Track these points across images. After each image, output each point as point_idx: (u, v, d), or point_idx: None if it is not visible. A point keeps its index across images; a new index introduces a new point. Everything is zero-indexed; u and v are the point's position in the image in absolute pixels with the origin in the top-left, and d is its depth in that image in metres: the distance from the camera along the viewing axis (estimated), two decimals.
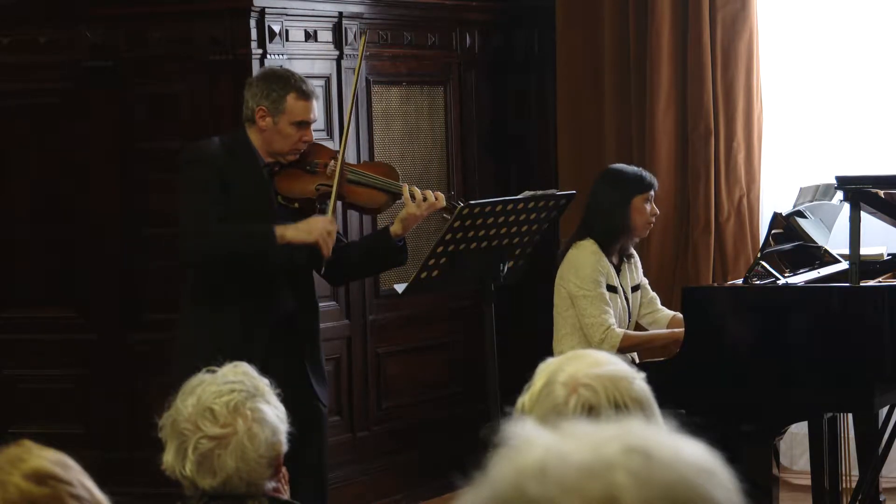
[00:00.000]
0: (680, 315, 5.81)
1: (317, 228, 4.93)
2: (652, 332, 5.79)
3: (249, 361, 3.12)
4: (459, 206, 5.10)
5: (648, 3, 7.29)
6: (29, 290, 6.77)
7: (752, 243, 7.17)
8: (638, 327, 5.90)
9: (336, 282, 5.64)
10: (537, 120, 7.88)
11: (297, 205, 5.08)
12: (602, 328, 5.55)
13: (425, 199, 5.07)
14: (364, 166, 5.46)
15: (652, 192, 5.73)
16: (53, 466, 2.10)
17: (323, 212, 5.11)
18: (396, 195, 5.14)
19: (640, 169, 5.86)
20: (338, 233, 5.14)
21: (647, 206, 5.70)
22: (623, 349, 5.59)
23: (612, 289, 5.65)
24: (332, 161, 5.10)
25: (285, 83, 5.06)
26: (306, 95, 5.07)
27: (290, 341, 5.07)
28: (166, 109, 6.58)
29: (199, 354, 4.87)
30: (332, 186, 5.02)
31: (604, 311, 5.57)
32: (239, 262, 4.94)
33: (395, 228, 5.13)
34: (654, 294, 5.91)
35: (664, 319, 5.85)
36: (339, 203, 5.17)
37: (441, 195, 5.13)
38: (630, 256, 5.81)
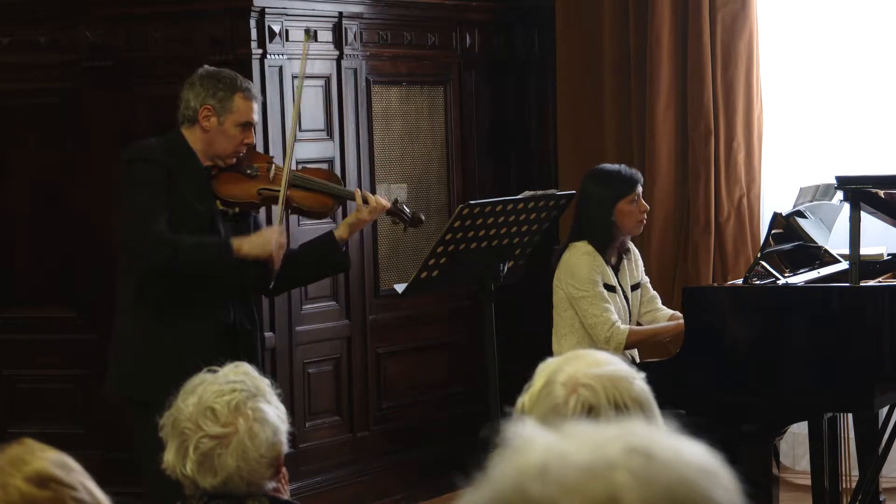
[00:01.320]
0: (679, 314, 5.81)
1: (270, 242, 4.79)
2: (657, 325, 5.78)
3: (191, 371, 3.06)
4: (459, 207, 5.11)
5: (648, 3, 7.29)
6: (29, 290, 6.77)
7: (752, 243, 7.17)
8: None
9: (274, 292, 5.43)
10: (537, 120, 7.88)
11: (237, 209, 4.93)
12: (606, 326, 5.54)
13: (367, 202, 4.97)
14: (305, 171, 5.35)
15: (638, 190, 5.69)
16: (55, 469, 2.09)
17: (256, 222, 5.02)
18: (343, 199, 5.10)
19: (621, 167, 5.78)
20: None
21: (634, 206, 5.67)
22: (630, 345, 5.58)
23: (609, 288, 5.64)
24: (274, 166, 4.97)
25: (231, 83, 4.92)
26: (252, 96, 4.93)
27: (231, 356, 4.90)
28: (166, 109, 6.56)
29: (137, 363, 4.85)
30: (274, 191, 4.89)
31: (605, 310, 5.57)
32: (192, 273, 4.80)
33: (341, 233, 5.05)
34: (654, 293, 5.90)
35: (663, 318, 5.84)
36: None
37: (383, 200, 5.05)
38: (628, 252, 5.79)
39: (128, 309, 4.96)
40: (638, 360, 5.59)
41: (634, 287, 5.80)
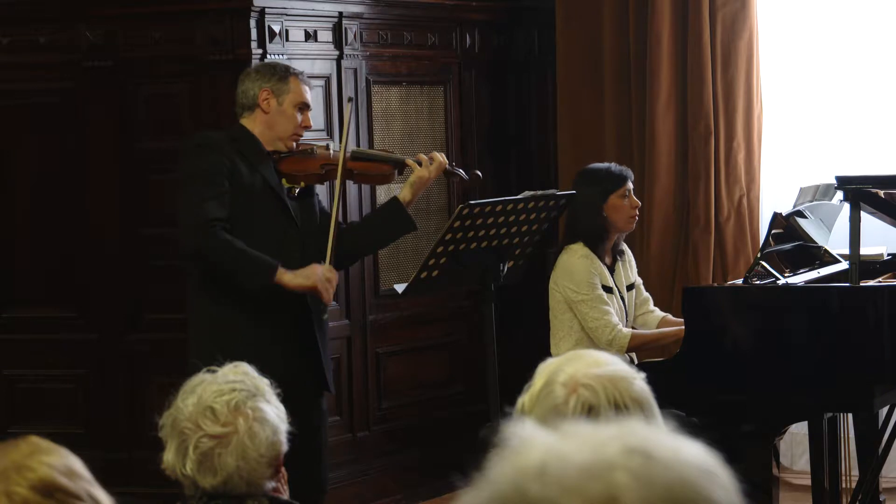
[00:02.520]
0: (670, 316, 5.82)
1: (315, 274, 4.94)
2: (659, 330, 5.78)
3: (264, 352, 3.11)
4: (459, 207, 5.11)
5: (648, 3, 7.29)
6: (29, 290, 6.77)
7: (752, 243, 7.16)
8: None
9: (342, 264, 5.60)
10: (537, 120, 7.88)
11: (302, 183, 5.14)
12: (608, 329, 5.54)
13: (432, 160, 5.20)
14: (363, 148, 5.63)
15: (628, 185, 5.70)
16: (61, 477, 2.07)
17: (320, 206, 5.20)
18: (400, 165, 5.26)
19: (611, 165, 5.81)
20: (328, 213, 5.17)
21: (625, 202, 5.67)
22: (631, 349, 5.58)
23: (607, 289, 5.64)
24: (330, 146, 5.24)
25: (286, 68, 5.21)
26: (306, 81, 5.20)
27: (306, 326, 5.07)
28: (166, 109, 6.58)
29: (210, 347, 4.93)
30: (335, 164, 5.10)
31: (606, 312, 5.57)
32: (220, 272, 4.94)
33: (405, 194, 5.25)
34: (647, 295, 5.90)
35: (654, 321, 5.84)
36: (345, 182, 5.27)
37: (441, 157, 5.25)
38: (622, 253, 5.80)
39: (195, 298, 5.12)
40: (637, 361, 5.58)
41: (629, 287, 5.81)
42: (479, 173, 5.46)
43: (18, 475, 2.06)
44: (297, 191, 5.13)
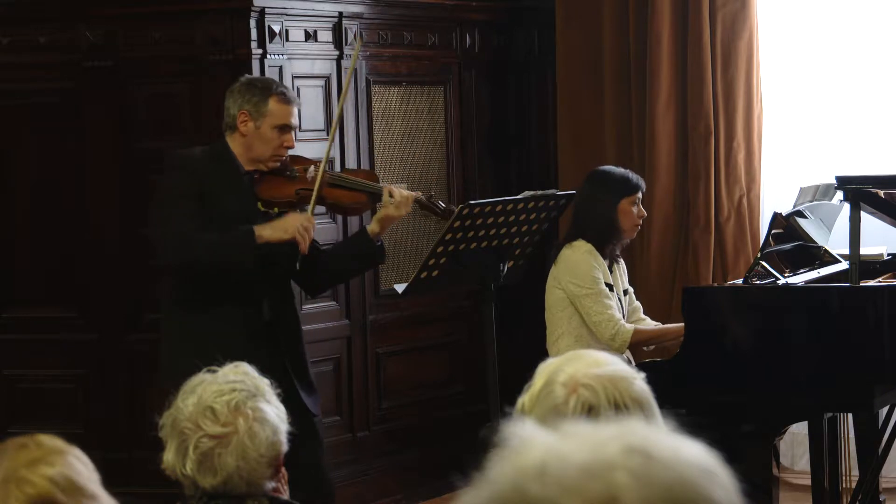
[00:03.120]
0: (664, 325, 5.83)
1: (292, 225, 4.93)
2: (662, 326, 5.79)
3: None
4: (459, 207, 5.11)
5: (648, 3, 7.28)
6: (29, 290, 6.77)
7: (752, 243, 7.16)
8: None
9: (316, 290, 5.58)
10: (537, 120, 7.88)
11: (276, 209, 5.08)
12: (611, 323, 5.54)
13: (401, 201, 5.11)
14: (345, 172, 5.50)
15: (639, 195, 5.71)
16: (58, 493, 2.06)
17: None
18: (376, 196, 5.17)
19: (627, 171, 5.84)
20: (314, 241, 5.12)
21: (634, 209, 5.68)
22: (634, 344, 5.58)
23: (609, 286, 5.65)
24: (313, 167, 5.13)
25: (267, 87, 5.11)
26: (288, 100, 5.09)
27: (273, 354, 4.98)
28: (166, 109, 6.58)
29: (183, 361, 4.90)
30: (311, 190, 5.05)
31: (609, 307, 5.57)
32: (217, 267, 4.93)
33: (373, 228, 5.16)
34: (638, 304, 5.91)
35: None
36: (319, 207, 5.22)
37: (409, 193, 5.17)
38: (617, 259, 5.81)
39: (165, 310, 5.19)
40: (633, 362, 5.58)
41: (624, 293, 5.82)
42: (455, 209, 5.28)
43: (18, 489, 2.05)
44: (273, 215, 5.08)
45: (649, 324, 5.85)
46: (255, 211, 5.05)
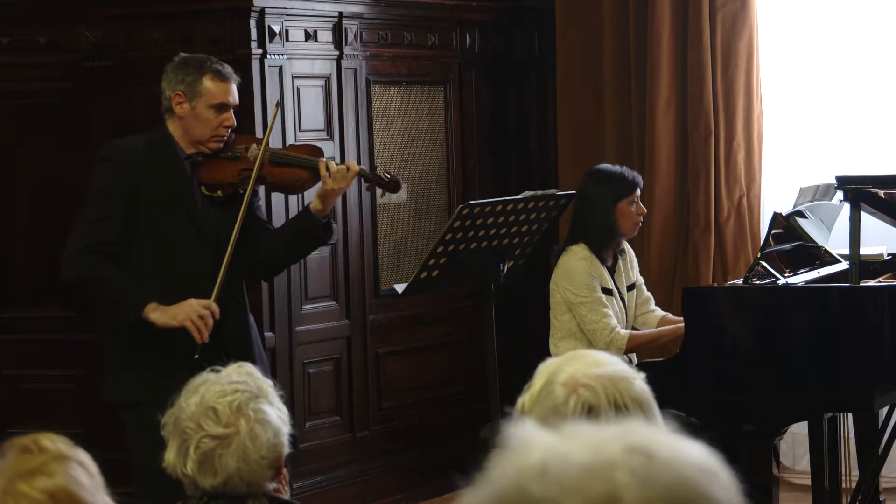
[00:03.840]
0: (670, 315, 5.82)
1: (183, 312, 4.63)
2: (656, 329, 5.79)
3: (184, 367, 3.06)
4: (459, 207, 5.10)
5: (648, 4, 7.29)
6: (29, 290, 6.77)
7: (752, 243, 7.17)
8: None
9: (266, 275, 5.40)
10: (537, 120, 7.89)
11: (220, 192, 4.86)
12: (606, 332, 5.54)
13: (348, 169, 4.90)
14: (287, 148, 5.25)
15: (637, 192, 5.70)
16: None
17: (259, 210, 5.02)
18: (316, 171, 4.95)
19: (623, 168, 5.79)
20: (264, 220, 4.98)
21: (633, 207, 5.67)
22: (630, 350, 5.58)
23: (606, 292, 5.64)
24: (255, 145, 4.93)
25: (200, 65, 4.88)
26: (223, 77, 4.87)
27: (217, 353, 4.60)
28: None
29: (126, 375, 4.83)
30: (251, 170, 4.85)
31: (604, 315, 5.57)
32: (92, 301, 4.81)
33: (315, 205, 4.93)
34: (648, 294, 5.90)
35: (654, 321, 5.84)
36: (262, 187, 5.05)
37: (350, 165, 4.96)
38: (623, 252, 5.79)
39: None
40: (636, 362, 5.58)
41: (630, 287, 5.80)
42: (401, 182, 5.16)
43: (14, 502, 2.04)
44: (219, 197, 4.87)
45: (658, 314, 5.84)
46: (198, 196, 4.85)
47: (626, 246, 5.84)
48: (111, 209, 4.75)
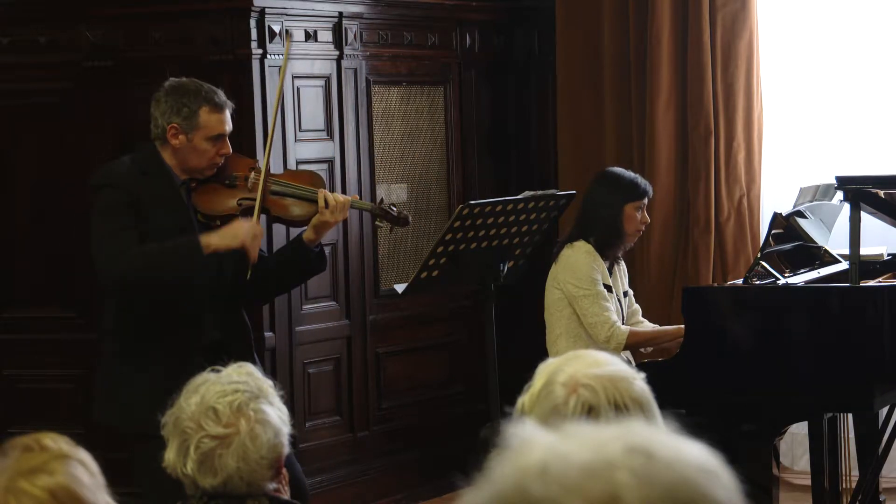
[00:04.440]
0: (661, 327, 5.83)
1: (242, 231, 4.67)
2: (657, 329, 5.79)
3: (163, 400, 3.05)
4: (459, 207, 5.10)
5: (648, 3, 7.29)
6: (29, 290, 6.77)
7: (752, 243, 7.17)
8: None
9: (258, 300, 5.37)
10: (537, 120, 7.89)
11: (219, 223, 4.80)
12: (607, 325, 5.55)
13: (331, 204, 4.81)
14: (287, 176, 5.15)
15: (645, 201, 5.71)
16: None
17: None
18: (314, 202, 4.87)
19: (636, 175, 5.82)
20: (260, 250, 4.87)
21: (639, 214, 5.68)
22: (629, 346, 5.58)
23: (607, 288, 5.65)
24: (253, 173, 4.86)
25: (195, 96, 4.81)
26: (219, 107, 4.81)
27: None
28: None
29: (124, 394, 4.73)
30: (254, 200, 4.79)
31: (605, 309, 5.57)
32: (164, 283, 4.67)
33: (308, 235, 4.87)
34: (637, 306, 5.92)
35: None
36: (263, 217, 4.94)
37: (347, 198, 4.91)
38: (618, 261, 5.81)
39: (107, 339, 4.88)
40: (633, 362, 5.58)
41: (625, 294, 5.82)
42: (409, 218, 5.11)
43: (16, 501, 2.05)
44: (215, 226, 4.80)
45: (647, 326, 5.86)
46: (195, 223, 4.80)
47: (621, 258, 5.85)
48: (125, 223, 4.69)
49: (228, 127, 4.84)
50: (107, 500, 2.14)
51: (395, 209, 5.03)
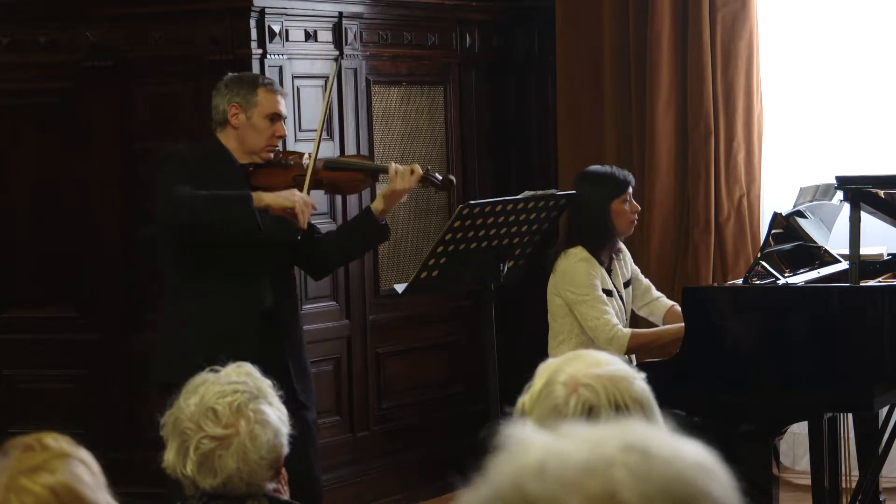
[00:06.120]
0: (678, 307, 5.80)
1: (296, 196, 4.93)
2: (658, 328, 5.78)
3: (241, 353, 3.16)
4: (459, 207, 5.11)
5: (648, 3, 7.29)
6: (29, 290, 6.77)
7: (752, 243, 7.17)
8: (634, 318, 5.89)
9: (321, 273, 5.58)
10: (537, 120, 7.89)
11: None
12: (608, 328, 5.53)
13: (412, 173, 5.12)
14: (341, 156, 5.58)
15: (629, 191, 5.69)
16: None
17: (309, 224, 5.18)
18: (375, 173, 5.24)
19: (612, 168, 5.79)
20: (312, 225, 5.14)
21: (627, 206, 5.67)
22: (631, 349, 5.57)
23: (607, 292, 5.63)
24: (307, 155, 5.18)
25: (254, 80, 5.21)
26: (275, 90, 5.19)
27: (271, 340, 5.05)
28: (166, 109, 6.58)
29: (179, 352, 4.94)
30: (306, 175, 5.08)
31: (605, 312, 5.56)
32: (217, 229, 4.94)
33: (377, 205, 5.17)
34: (647, 282, 5.89)
35: (661, 309, 5.84)
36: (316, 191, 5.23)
37: (417, 167, 5.17)
38: (619, 252, 5.79)
39: (168, 305, 5.21)
40: (635, 362, 5.58)
41: (626, 284, 5.80)
42: (454, 179, 5.40)
43: (17, 498, 2.05)
44: None
45: (664, 303, 5.83)
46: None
47: (621, 244, 5.84)
48: (185, 180, 4.94)
49: (284, 110, 5.19)
50: (107, 499, 2.14)
51: (438, 176, 5.26)
